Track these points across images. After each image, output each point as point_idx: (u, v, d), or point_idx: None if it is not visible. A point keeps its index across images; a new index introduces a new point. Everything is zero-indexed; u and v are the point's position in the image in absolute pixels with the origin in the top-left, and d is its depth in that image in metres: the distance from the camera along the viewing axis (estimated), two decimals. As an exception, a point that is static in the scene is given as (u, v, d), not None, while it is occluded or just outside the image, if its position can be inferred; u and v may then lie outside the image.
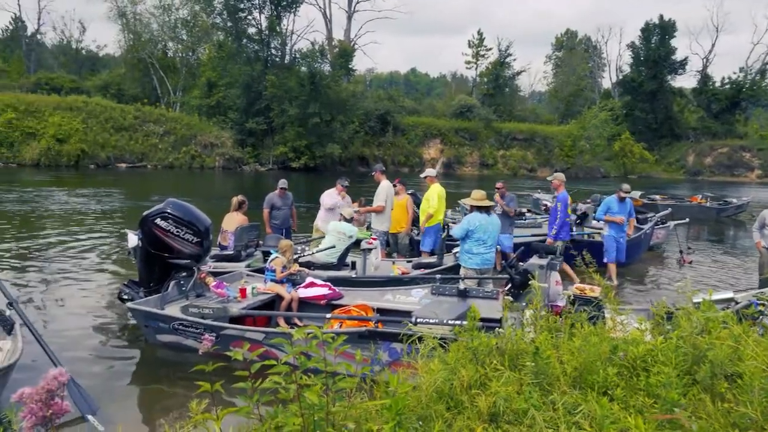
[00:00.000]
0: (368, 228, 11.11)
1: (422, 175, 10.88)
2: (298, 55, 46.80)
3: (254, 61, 44.09)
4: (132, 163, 38.34)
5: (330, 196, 10.88)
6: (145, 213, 7.27)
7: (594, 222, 12.17)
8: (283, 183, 10.71)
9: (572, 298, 5.68)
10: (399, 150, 49.19)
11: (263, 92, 42.31)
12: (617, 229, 10.24)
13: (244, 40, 45.08)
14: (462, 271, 7.61)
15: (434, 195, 10.08)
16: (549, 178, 10.44)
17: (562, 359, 3.57)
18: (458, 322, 5.46)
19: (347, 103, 44.19)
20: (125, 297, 7.34)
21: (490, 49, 62.23)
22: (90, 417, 4.85)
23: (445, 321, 5.53)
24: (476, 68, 62.88)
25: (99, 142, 37.61)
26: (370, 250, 8.58)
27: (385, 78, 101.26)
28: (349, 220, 9.17)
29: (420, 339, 4.01)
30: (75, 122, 37.36)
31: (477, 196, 7.62)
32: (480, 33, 62.26)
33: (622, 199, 10.31)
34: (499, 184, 10.91)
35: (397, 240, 10.50)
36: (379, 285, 7.84)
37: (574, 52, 68.99)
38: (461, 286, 7.27)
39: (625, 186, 10.58)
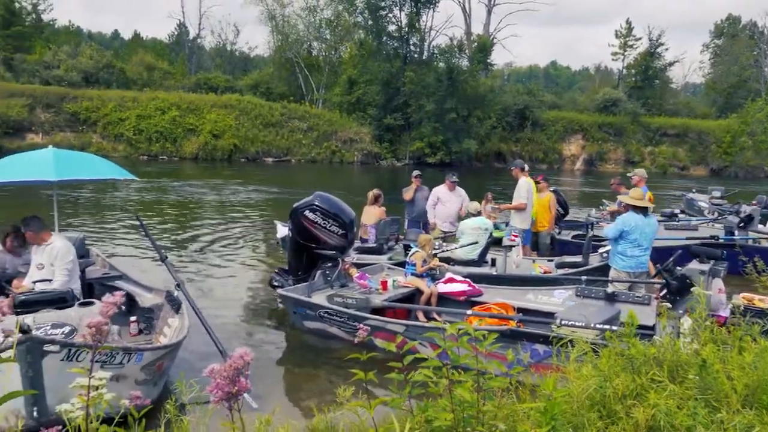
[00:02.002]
0: (502, 226, 10.88)
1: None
2: (436, 51, 46.97)
3: (393, 58, 44.85)
4: (278, 158, 40.57)
5: (441, 192, 10.59)
6: (294, 205, 7.64)
7: (760, 226, 11.05)
8: (417, 173, 10.79)
9: (741, 308, 5.18)
10: (537, 146, 47.80)
11: (401, 88, 42.94)
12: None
13: (384, 38, 45.97)
14: (612, 273, 7.22)
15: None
16: (629, 174, 9.92)
17: (731, 375, 3.26)
18: (606, 326, 5.20)
19: (485, 99, 43.67)
20: (275, 284, 7.77)
21: (639, 38, 58.57)
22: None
23: (592, 325, 5.27)
24: (623, 59, 59.47)
25: (249, 137, 40.19)
26: (511, 247, 8.40)
27: (524, 72, 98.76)
28: (476, 215, 9.04)
29: (567, 343, 3.85)
30: (229, 119, 40.21)
31: (635, 194, 7.19)
32: (628, 22, 58.83)
33: None
34: (613, 180, 10.42)
35: (538, 239, 10.20)
36: (520, 283, 7.65)
37: (737, 39, 62.92)
38: (609, 289, 6.91)
39: None
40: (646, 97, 53.82)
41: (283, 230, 9.10)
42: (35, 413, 3.80)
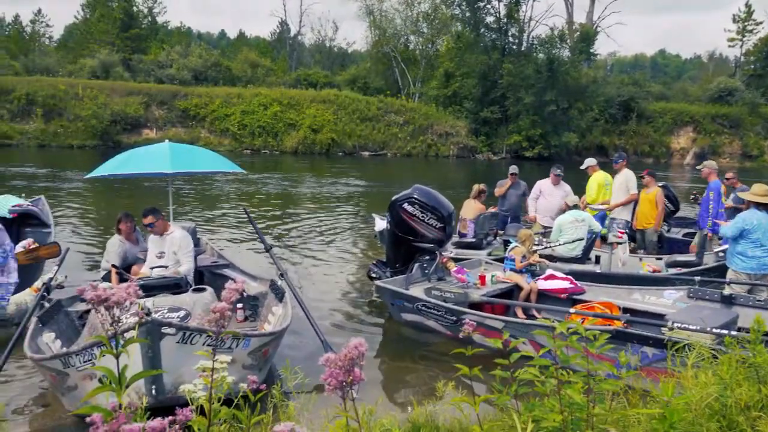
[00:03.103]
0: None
1: (582, 167, 10.28)
2: (536, 42, 45.72)
3: (491, 50, 44.10)
4: (374, 152, 41.05)
5: (544, 186, 10.26)
6: (393, 197, 7.68)
7: None
8: (513, 169, 10.57)
9: None
10: (643, 139, 45.46)
11: (499, 81, 42.18)
12: None
13: (482, 30, 45.28)
14: (730, 275, 6.74)
15: (593, 184, 9.77)
16: (698, 168, 9.17)
17: None
18: (725, 331, 4.86)
19: (587, 90, 42.04)
20: (373, 275, 7.87)
21: (760, 23, 54.29)
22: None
23: (709, 329, 4.94)
24: (741, 46, 55.33)
25: (346, 131, 40.92)
26: (617, 244, 8.04)
27: (629, 61, 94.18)
28: (573, 208, 8.71)
29: (679, 347, 3.64)
30: (327, 114, 41.13)
31: (759, 191, 6.66)
32: (748, 5, 54.63)
33: None
34: (729, 174, 9.68)
35: (644, 236, 9.70)
36: (626, 282, 7.31)
37: None
38: (726, 291, 6.46)
39: None
40: (767, 86, 49.82)
41: (381, 223, 9.19)
42: (153, 391, 4.04)
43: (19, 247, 7.51)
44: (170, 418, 1.21)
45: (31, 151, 33.28)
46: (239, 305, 6.66)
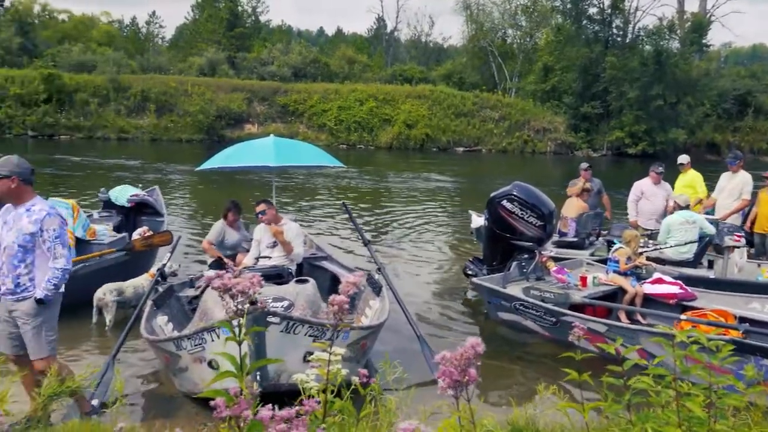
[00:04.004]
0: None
1: (681, 161, 9.82)
2: (642, 33, 43.54)
3: (593, 43, 42.42)
4: (468, 147, 40.64)
5: (645, 186, 9.57)
6: (492, 194, 7.57)
7: None
8: (585, 165, 10.09)
9: None
10: (760, 136, 42.22)
11: (601, 75, 40.51)
12: None
13: (584, 21, 43.64)
14: None
15: (678, 183, 9.36)
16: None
17: None
18: None
19: (698, 83, 39.54)
20: (469, 272, 7.78)
21: None
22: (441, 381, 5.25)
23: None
24: None
25: (441, 127, 40.75)
26: (733, 248, 7.51)
27: (746, 52, 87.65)
28: (685, 208, 8.16)
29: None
30: (422, 109, 41.13)
31: None
32: None
33: None
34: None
35: (764, 241, 8.99)
36: (742, 290, 6.82)
37: None
38: None
39: None
40: None
41: (477, 220, 9.08)
42: (258, 378, 4.19)
43: (135, 235, 8.04)
44: (297, 408, 1.23)
45: (145, 145, 35.55)
46: (337, 297, 6.78)
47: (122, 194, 9.02)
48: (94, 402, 4.53)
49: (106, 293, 6.41)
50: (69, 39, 48.90)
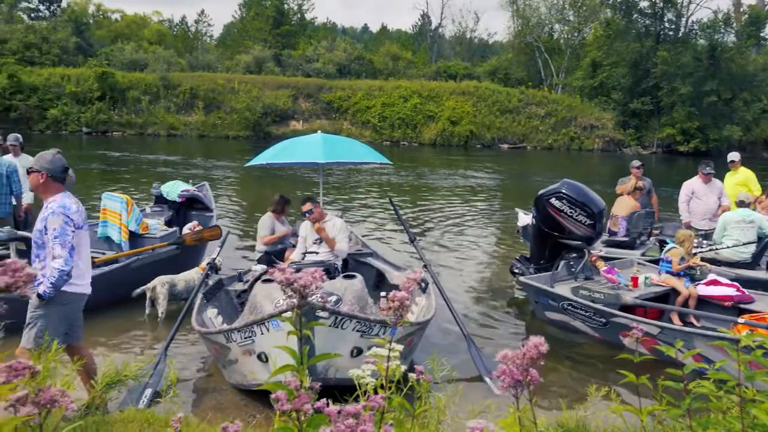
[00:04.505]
0: None
1: (732, 159, 9.46)
2: (696, 27, 42.19)
3: (644, 37, 41.33)
4: (513, 144, 40.17)
5: (696, 186, 9.20)
6: (540, 192, 7.45)
7: None
8: (637, 163, 9.80)
9: None
10: (821, 132, 40.45)
11: (651, 70, 39.46)
12: None
13: (635, 15, 42.56)
14: None
15: (729, 183, 9.04)
16: None
17: None
18: None
19: (755, 79, 38.12)
20: (516, 271, 7.70)
21: None
22: (488, 379, 5.21)
23: None
24: None
25: (486, 123, 40.39)
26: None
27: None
28: (743, 206, 7.86)
29: None
30: (466, 106, 40.84)
31: None
32: None
33: None
34: None
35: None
36: (804, 293, 6.55)
37: None
38: None
39: None
40: None
41: (524, 218, 8.96)
42: (307, 372, 4.23)
43: (186, 229, 8.22)
44: (363, 403, 1.23)
45: (193, 141, 36.33)
46: (382, 294, 6.80)
47: (173, 190, 9.23)
48: (148, 391, 4.66)
49: (158, 285, 6.57)
50: (122, 38, 50.34)
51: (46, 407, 1.33)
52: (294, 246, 7.18)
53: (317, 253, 6.54)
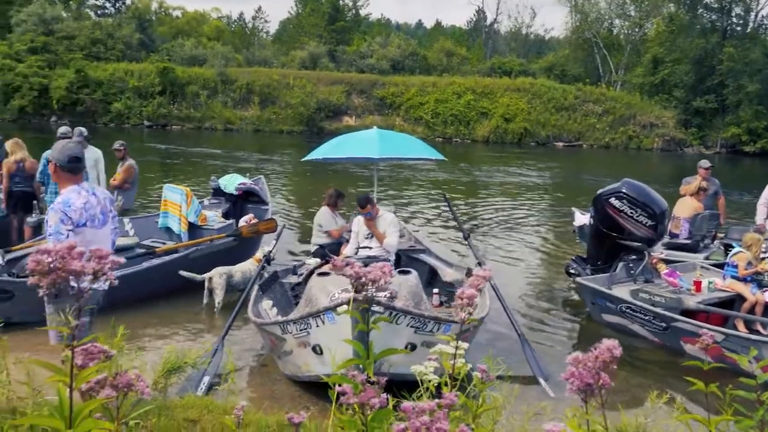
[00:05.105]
0: None
1: None
2: (766, 22, 40.49)
3: (709, 33, 39.81)
4: (568, 142, 39.38)
5: None
6: (599, 191, 7.28)
7: None
8: (705, 163, 9.34)
9: None
10: None
11: (717, 67, 37.98)
12: None
13: (700, 10, 41.06)
14: None
15: None
16: None
17: None
18: None
19: (829, 76, 36.28)
20: (572, 272, 7.53)
21: None
22: (543, 381, 5.12)
23: None
24: None
25: (540, 121, 39.72)
26: None
27: None
28: None
29: None
30: (521, 103, 40.24)
31: None
32: None
33: None
34: None
35: None
36: None
37: None
38: None
39: None
40: None
41: (581, 218, 8.76)
42: (362, 367, 4.25)
43: (242, 221, 8.38)
44: (437, 400, 1.22)
45: (248, 135, 37.04)
46: (435, 290, 6.78)
47: (231, 182, 9.43)
48: (206, 379, 4.78)
49: (216, 276, 6.73)
50: (182, 34, 51.72)
51: (123, 390, 1.38)
52: (348, 241, 7.23)
53: (370, 248, 6.57)
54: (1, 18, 43.96)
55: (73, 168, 3.97)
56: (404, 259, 7.62)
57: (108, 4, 54.80)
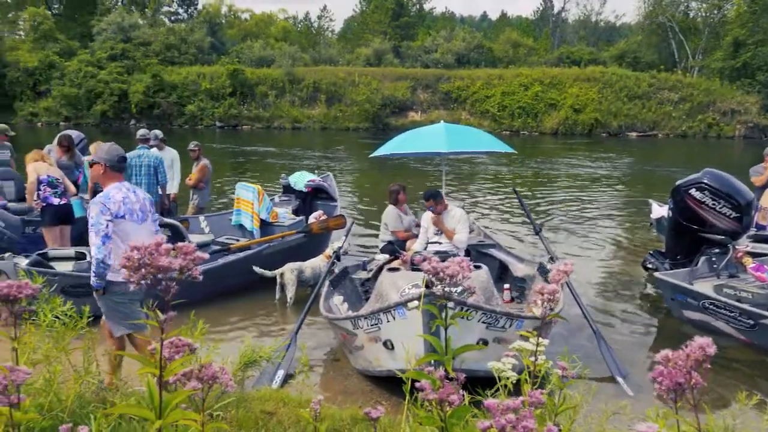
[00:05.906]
0: None
1: None
2: None
3: (797, 11, 37.47)
4: (642, 132, 37.94)
5: None
6: (678, 182, 6.96)
7: None
8: None
9: None
10: None
11: (806, 47, 35.70)
12: None
13: (785, -12, 38.66)
14: None
15: None
16: None
17: None
18: None
19: None
20: (649, 266, 7.27)
21: None
22: (620, 380, 4.96)
23: None
24: None
25: (612, 111, 38.44)
26: None
27: None
28: None
29: None
30: (591, 92, 39.06)
31: None
32: None
33: None
34: None
35: None
36: None
37: None
38: None
39: None
40: None
41: (659, 211, 8.43)
42: (432, 362, 4.23)
43: (312, 218, 8.51)
44: (522, 398, 1.19)
45: (315, 133, 37.63)
46: (506, 286, 6.68)
47: (300, 180, 9.59)
48: (280, 372, 4.88)
49: (288, 272, 6.86)
50: (251, 36, 53.09)
51: (209, 383, 1.41)
52: (417, 236, 7.21)
53: (440, 243, 6.53)
54: (84, 27, 46.44)
55: (121, 167, 4.31)
56: (474, 254, 7.53)
57: (181, 10, 56.93)
